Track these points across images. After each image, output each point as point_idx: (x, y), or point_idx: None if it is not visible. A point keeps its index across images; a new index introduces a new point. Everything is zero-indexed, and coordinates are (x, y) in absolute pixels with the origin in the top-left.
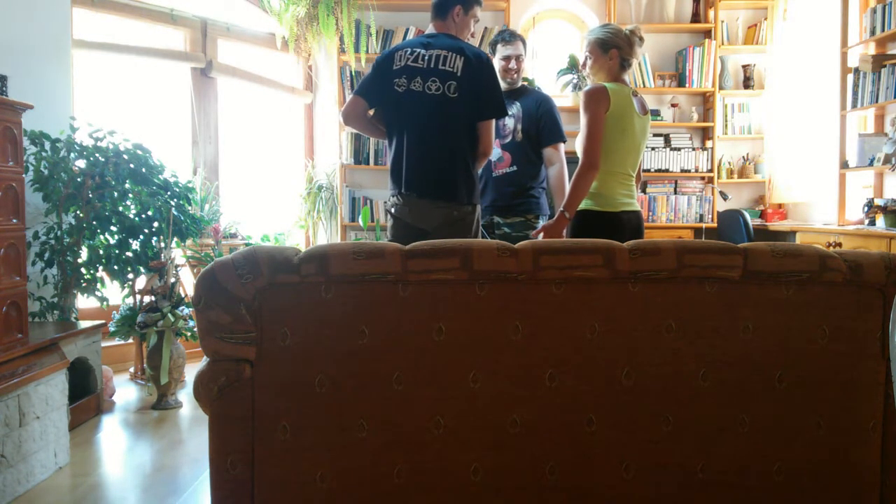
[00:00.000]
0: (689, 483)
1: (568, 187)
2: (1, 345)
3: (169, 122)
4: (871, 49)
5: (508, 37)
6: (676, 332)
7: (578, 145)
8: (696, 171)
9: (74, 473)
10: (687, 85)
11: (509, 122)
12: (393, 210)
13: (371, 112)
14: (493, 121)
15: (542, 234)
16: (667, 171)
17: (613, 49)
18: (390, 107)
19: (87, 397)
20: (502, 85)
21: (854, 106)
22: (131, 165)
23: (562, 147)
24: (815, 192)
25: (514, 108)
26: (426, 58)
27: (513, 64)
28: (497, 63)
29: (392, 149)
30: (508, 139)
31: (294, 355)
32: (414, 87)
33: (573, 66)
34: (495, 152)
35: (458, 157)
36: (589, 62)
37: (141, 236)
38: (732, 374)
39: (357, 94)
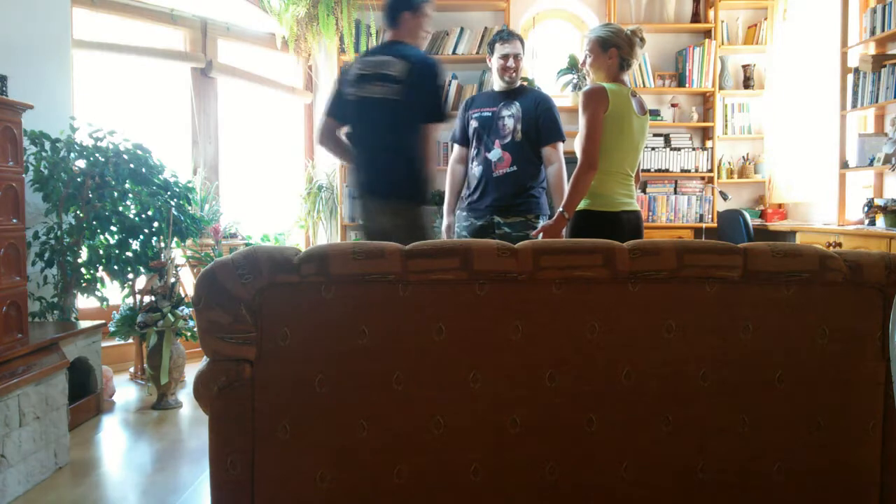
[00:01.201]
0: (689, 483)
1: (567, 187)
2: (1, 345)
3: (169, 122)
4: (871, 49)
5: (507, 36)
6: (676, 332)
7: (577, 145)
8: (696, 171)
9: (74, 473)
10: (687, 85)
11: (509, 123)
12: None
13: (344, 130)
14: (435, 125)
15: (541, 235)
16: (667, 171)
17: (613, 48)
18: (348, 118)
19: (87, 397)
20: (500, 84)
21: (854, 106)
22: (131, 165)
23: (560, 146)
24: (815, 192)
25: (514, 108)
26: (372, 64)
27: (511, 63)
28: (495, 62)
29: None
30: (508, 139)
31: (294, 355)
32: (361, 93)
33: (573, 66)
34: (495, 153)
35: (402, 158)
36: (588, 60)
37: (141, 236)
38: (732, 374)
39: (325, 114)
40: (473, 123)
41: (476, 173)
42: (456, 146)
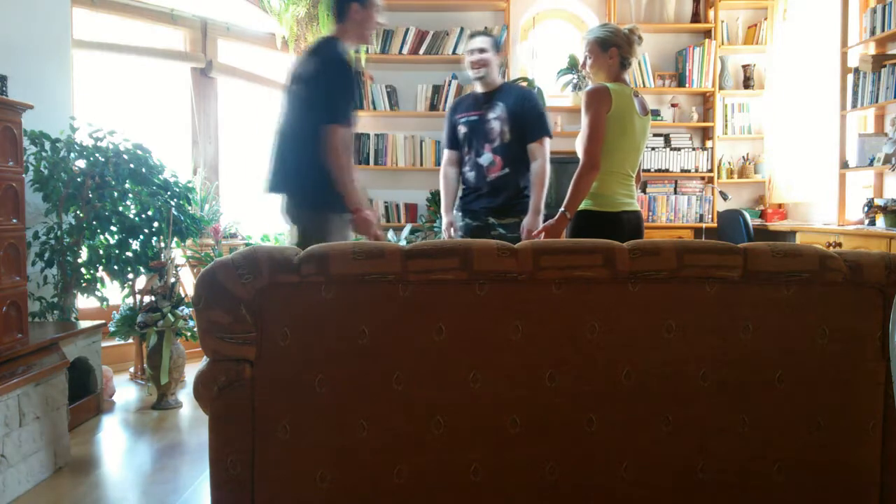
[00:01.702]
0: (689, 483)
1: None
2: (1, 345)
3: (169, 122)
4: (871, 49)
5: (474, 33)
6: (676, 332)
7: (579, 145)
8: (696, 171)
9: (74, 473)
10: (687, 85)
11: (496, 125)
12: None
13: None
14: (337, 127)
15: (542, 235)
16: (667, 171)
17: (613, 48)
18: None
19: (87, 397)
20: (478, 83)
21: (854, 106)
22: (131, 165)
23: (547, 142)
24: (815, 192)
25: (499, 110)
26: (299, 62)
27: (476, 56)
28: (466, 60)
29: None
30: (497, 142)
31: (294, 355)
32: (286, 93)
33: (573, 66)
34: (486, 157)
35: (307, 161)
36: (589, 62)
37: (141, 236)
38: (732, 374)
39: None
40: (462, 129)
41: (470, 178)
42: (446, 150)
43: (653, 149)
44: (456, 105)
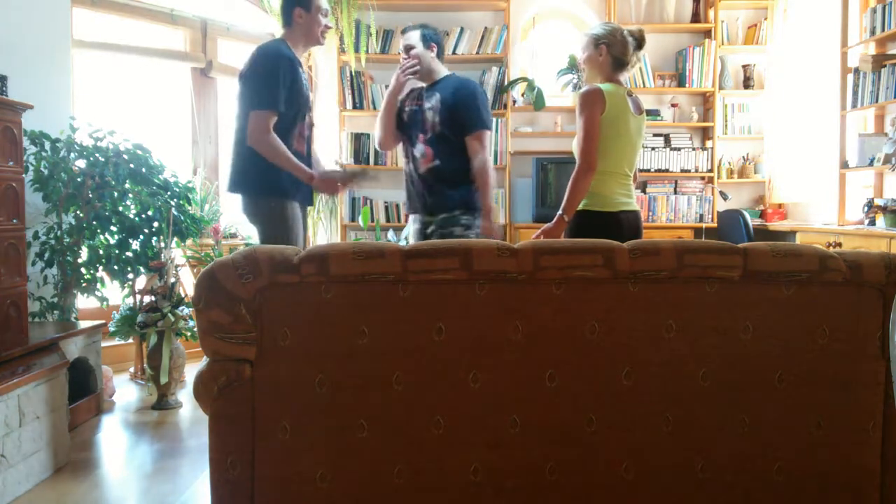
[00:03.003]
0: (689, 483)
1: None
2: (1, 345)
3: (169, 122)
4: (871, 49)
5: (408, 27)
6: (676, 332)
7: (575, 147)
8: (696, 171)
9: (74, 473)
10: (687, 85)
11: (429, 115)
12: None
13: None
14: (260, 112)
15: (541, 237)
16: (667, 171)
17: (602, 45)
18: None
19: (87, 397)
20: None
21: (854, 106)
22: (131, 165)
23: (486, 136)
24: (815, 192)
25: (433, 100)
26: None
27: (402, 57)
28: (401, 55)
29: None
30: (430, 133)
31: (294, 355)
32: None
33: (573, 66)
34: (419, 148)
35: (244, 152)
36: (583, 57)
37: (141, 236)
38: (732, 374)
39: None
40: (404, 118)
41: (408, 171)
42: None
43: (653, 149)
44: (406, 94)
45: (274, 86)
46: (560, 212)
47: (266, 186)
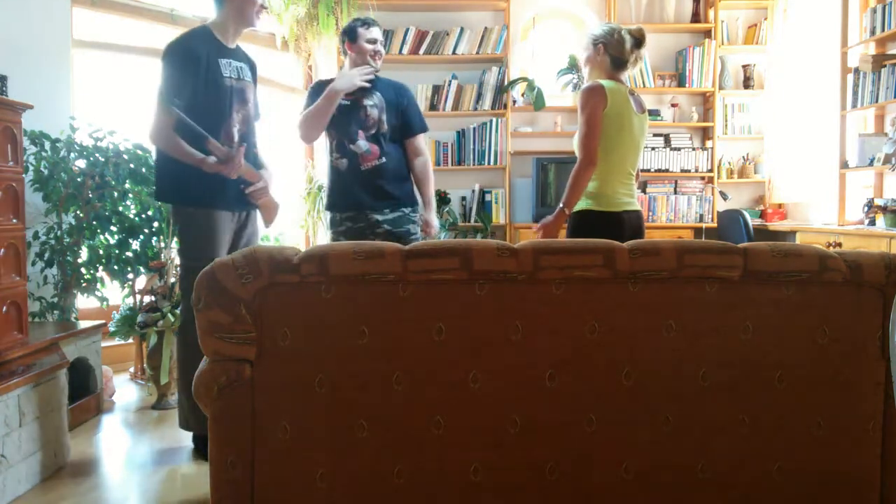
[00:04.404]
0: (689, 483)
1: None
2: (1, 345)
3: None
4: (871, 49)
5: (371, 21)
6: (676, 332)
7: (576, 143)
8: (696, 171)
9: (74, 473)
10: (687, 85)
11: (373, 112)
12: None
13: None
14: (156, 107)
15: (540, 232)
16: (667, 171)
17: (600, 45)
18: None
19: (87, 397)
20: (372, 66)
21: (854, 106)
22: (131, 165)
23: (423, 137)
24: (815, 192)
25: (375, 98)
26: None
27: (379, 46)
28: (362, 48)
29: None
30: (374, 130)
31: (294, 355)
32: None
33: (573, 66)
34: (362, 144)
35: (161, 157)
36: (583, 57)
37: (141, 236)
38: (732, 374)
39: None
40: (334, 112)
41: (341, 166)
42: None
43: (653, 149)
44: (320, 85)
45: (168, 80)
46: (560, 205)
47: (182, 194)
